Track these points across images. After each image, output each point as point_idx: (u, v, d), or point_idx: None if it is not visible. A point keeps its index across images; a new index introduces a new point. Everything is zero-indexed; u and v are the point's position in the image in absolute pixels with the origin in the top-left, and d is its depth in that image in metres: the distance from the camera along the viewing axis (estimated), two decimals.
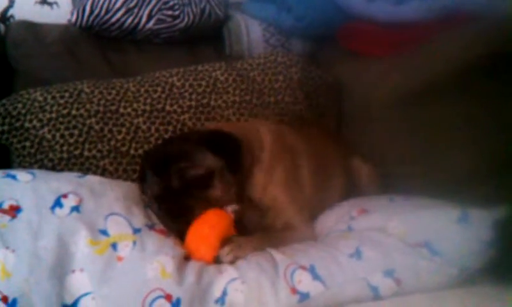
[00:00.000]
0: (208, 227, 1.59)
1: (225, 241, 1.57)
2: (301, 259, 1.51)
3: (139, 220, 1.56)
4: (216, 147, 1.68)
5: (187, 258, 1.53)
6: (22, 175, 1.58)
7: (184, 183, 1.63)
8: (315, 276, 1.43)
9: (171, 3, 2.55)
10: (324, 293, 1.40)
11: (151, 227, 1.57)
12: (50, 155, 2.03)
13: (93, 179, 1.71)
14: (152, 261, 1.41)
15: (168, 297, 1.34)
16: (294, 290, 1.40)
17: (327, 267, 1.47)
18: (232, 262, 1.51)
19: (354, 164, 2.25)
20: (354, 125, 2.52)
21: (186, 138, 1.78)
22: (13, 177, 1.55)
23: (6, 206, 1.43)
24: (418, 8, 2.32)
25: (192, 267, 1.46)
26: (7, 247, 1.34)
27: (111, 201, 1.58)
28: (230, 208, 1.67)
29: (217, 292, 1.40)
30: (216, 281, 1.42)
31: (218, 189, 1.68)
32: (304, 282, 1.42)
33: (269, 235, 1.73)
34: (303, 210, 1.89)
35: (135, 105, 2.20)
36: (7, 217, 1.40)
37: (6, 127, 2.05)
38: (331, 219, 1.88)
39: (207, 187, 1.66)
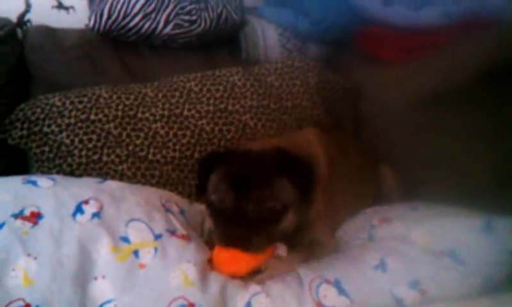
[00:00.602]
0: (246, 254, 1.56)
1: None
2: (326, 273, 1.50)
3: (160, 225, 1.55)
4: (295, 178, 1.59)
5: (210, 262, 1.53)
6: (43, 181, 1.58)
7: (259, 213, 1.54)
8: (341, 291, 1.43)
9: (188, 8, 2.54)
10: None
11: (172, 232, 1.56)
12: (69, 159, 2.03)
13: (113, 184, 1.71)
14: (174, 269, 1.41)
15: (190, 306, 1.33)
16: (320, 305, 1.39)
17: (352, 281, 1.46)
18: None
19: (382, 171, 2.24)
20: (372, 130, 2.50)
21: (264, 160, 1.63)
22: (34, 183, 1.55)
23: (27, 212, 1.43)
24: (435, 13, 2.30)
25: (216, 277, 1.46)
26: (29, 255, 1.34)
27: (131, 207, 1.57)
28: (280, 251, 1.63)
29: (240, 304, 1.39)
30: (240, 294, 1.42)
31: (288, 225, 1.61)
32: (329, 297, 1.42)
33: (297, 255, 1.67)
34: (333, 226, 1.87)
35: (153, 110, 2.20)
36: (28, 224, 1.40)
37: (24, 132, 2.05)
38: (352, 227, 1.87)
39: (279, 221, 1.58)
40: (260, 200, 1.53)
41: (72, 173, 2.02)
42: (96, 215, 1.47)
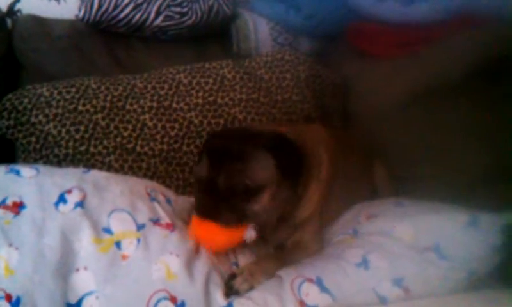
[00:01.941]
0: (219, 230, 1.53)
1: (236, 269, 1.55)
2: (308, 272, 1.49)
3: (143, 214, 1.54)
4: (281, 159, 1.53)
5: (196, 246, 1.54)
6: (26, 170, 1.56)
7: (229, 186, 1.49)
8: (323, 289, 1.43)
9: (179, 0, 2.53)
10: (332, 306, 1.39)
11: (156, 221, 1.54)
12: (56, 150, 2.02)
13: (97, 174, 1.69)
14: (156, 261, 1.40)
15: (172, 299, 1.34)
16: (302, 303, 1.39)
17: (334, 279, 1.46)
18: (248, 291, 1.46)
19: (375, 168, 2.20)
20: (363, 126, 2.50)
21: (253, 136, 1.58)
22: (17, 172, 1.53)
23: (9, 202, 1.41)
24: (428, 9, 2.30)
25: (199, 270, 1.45)
26: (10, 245, 1.32)
27: (115, 196, 1.55)
28: (248, 235, 1.57)
29: (222, 302, 1.39)
30: (222, 292, 1.43)
31: (261, 206, 1.53)
32: (312, 295, 1.41)
33: (280, 256, 1.64)
34: (321, 228, 1.84)
35: (142, 101, 2.19)
36: (10, 214, 1.39)
37: (11, 122, 2.03)
38: (338, 223, 1.86)
39: (251, 200, 1.52)
40: (230, 173, 1.49)
41: (58, 164, 2.00)
42: (79, 204, 1.45)
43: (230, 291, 1.45)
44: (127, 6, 2.43)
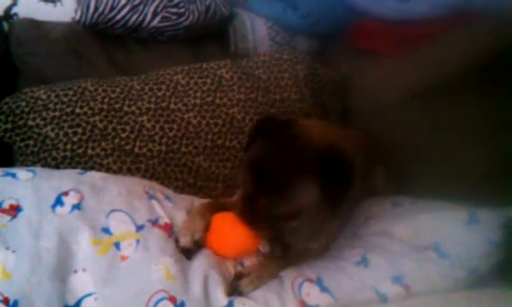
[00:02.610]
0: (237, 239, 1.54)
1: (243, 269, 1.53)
2: (308, 272, 1.50)
3: (142, 215, 1.53)
4: (330, 188, 1.41)
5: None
6: (22, 173, 1.55)
7: (270, 209, 1.44)
8: (323, 288, 1.43)
9: (176, 1, 2.53)
10: (333, 305, 1.39)
11: (154, 222, 1.54)
12: (54, 153, 2.01)
13: (94, 175, 1.68)
14: (156, 262, 1.40)
15: (171, 299, 1.33)
16: (303, 303, 1.39)
17: (334, 278, 1.46)
18: (251, 292, 1.45)
19: (378, 170, 2.11)
20: (361, 124, 2.49)
21: (304, 157, 1.43)
22: (13, 175, 1.53)
23: (5, 205, 1.40)
24: (426, 6, 2.29)
25: (196, 271, 1.44)
26: (7, 248, 1.31)
27: (113, 197, 1.55)
28: (263, 246, 1.58)
29: (222, 301, 1.38)
30: (222, 291, 1.41)
31: (300, 226, 1.49)
32: (312, 294, 1.42)
33: (285, 258, 1.59)
34: (335, 235, 1.79)
35: (139, 103, 2.18)
36: (7, 217, 1.38)
37: (9, 125, 2.02)
38: None
39: (289, 221, 1.48)
40: (273, 199, 1.43)
41: (56, 167, 1.99)
42: (76, 206, 1.45)
43: (234, 291, 1.43)
44: (123, 7, 2.42)
